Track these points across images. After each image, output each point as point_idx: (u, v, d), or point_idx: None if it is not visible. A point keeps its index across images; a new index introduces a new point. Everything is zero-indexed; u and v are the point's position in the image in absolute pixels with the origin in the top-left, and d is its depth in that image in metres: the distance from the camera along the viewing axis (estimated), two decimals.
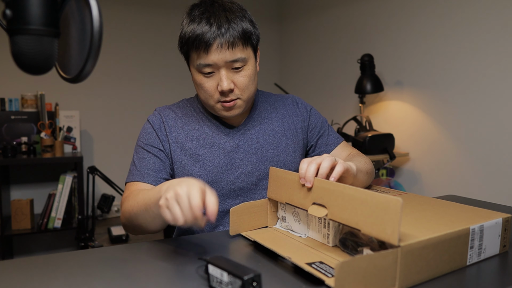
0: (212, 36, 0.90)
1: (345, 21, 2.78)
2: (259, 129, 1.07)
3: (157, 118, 1.04)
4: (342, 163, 0.83)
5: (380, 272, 0.57)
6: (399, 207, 0.58)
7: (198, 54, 0.93)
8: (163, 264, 0.74)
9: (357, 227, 0.65)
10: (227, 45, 0.91)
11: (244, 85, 0.96)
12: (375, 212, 0.62)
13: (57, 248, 2.73)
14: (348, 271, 0.54)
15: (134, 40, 2.94)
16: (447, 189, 2.11)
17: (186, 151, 1.02)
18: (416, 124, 2.29)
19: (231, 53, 0.92)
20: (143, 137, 1.03)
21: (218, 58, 0.91)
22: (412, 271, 0.60)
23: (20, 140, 2.45)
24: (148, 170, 0.99)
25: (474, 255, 0.69)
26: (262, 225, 0.89)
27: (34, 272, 0.68)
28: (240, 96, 0.97)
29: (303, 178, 0.79)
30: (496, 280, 0.67)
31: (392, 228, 0.59)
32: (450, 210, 0.79)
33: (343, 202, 0.69)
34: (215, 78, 0.95)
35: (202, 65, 0.93)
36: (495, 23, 1.87)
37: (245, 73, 0.95)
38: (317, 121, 1.13)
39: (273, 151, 1.06)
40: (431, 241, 0.62)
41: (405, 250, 0.58)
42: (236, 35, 0.91)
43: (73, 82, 0.62)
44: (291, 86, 3.36)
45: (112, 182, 2.37)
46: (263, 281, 0.62)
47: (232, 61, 0.92)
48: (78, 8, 0.59)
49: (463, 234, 0.66)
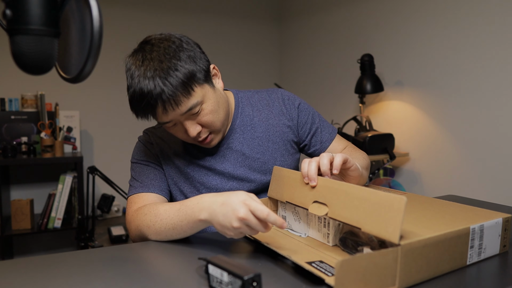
0: (151, 99, 0.85)
1: (345, 21, 2.78)
2: (242, 139, 1.05)
3: (147, 137, 1.06)
4: (340, 155, 0.84)
5: (380, 271, 0.57)
6: (403, 206, 0.58)
7: (150, 115, 0.91)
8: (163, 264, 0.74)
9: (358, 226, 0.65)
10: (171, 104, 0.85)
11: (210, 122, 0.92)
12: (377, 210, 0.62)
13: (57, 248, 2.73)
14: (348, 269, 0.54)
15: (134, 40, 2.93)
16: (447, 189, 2.11)
17: (176, 168, 1.03)
18: (416, 124, 2.29)
19: (179, 108, 0.87)
20: (138, 154, 1.04)
21: (169, 116, 0.88)
22: (412, 270, 0.60)
23: (20, 140, 2.45)
24: (151, 181, 0.99)
25: (474, 255, 0.69)
26: None
27: (34, 272, 0.68)
28: (212, 130, 0.95)
29: (306, 177, 0.80)
30: (496, 280, 0.67)
31: (393, 226, 0.59)
32: (450, 210, 0.78)
33: (345, 200, 0.69)
34: (180, 127, 0.92)
35: (161, 123, 0.91)
36: (495, 23, 1.87)
37: (206, 111, 0.91)
38: (307, 118, 1.10)
39: (259, 160, 1.04)
40: (432, 240, 0.62)
41: (406, 249, 0.58)
42: (175, 92, 0.85)
43: (73, 82, 0.62)
44: (291, 86, 3.36)
45: (112, 182, 2.37)
46: (263, 281, 0.62)
47: (186, 111, 0.88)
48: (78, 8, 0.59)
49: (463, 233, 0.66)
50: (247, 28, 3.38)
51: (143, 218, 0.87)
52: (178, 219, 0.80)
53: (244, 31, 3.36)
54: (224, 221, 0.72)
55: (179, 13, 3.08)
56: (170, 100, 0.85)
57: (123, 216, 2.88)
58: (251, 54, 3.40)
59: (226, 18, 3.27)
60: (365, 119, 2.37)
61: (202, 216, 0.76)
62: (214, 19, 3.22)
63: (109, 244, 2.39)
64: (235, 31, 3.31)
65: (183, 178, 1.02)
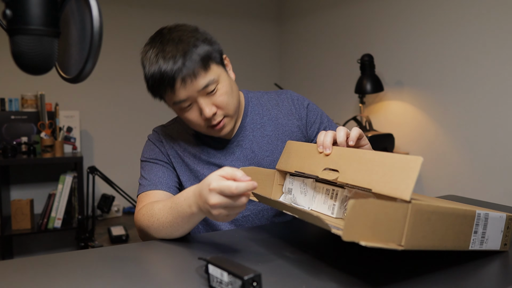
0: (171, 74, 0.89)
1: (345, 21, 2.78)
2: (252, 137, 1.06)
3: (156, 135, 1.06)
4: (356, 129, 0.85)
5: (389, 223, 0.56)
6: (419, 164, 0.59)
7: (167, 94, 0.93)
8: (163, 264, 0.74)
9: (369, 187, 0.65)
10: (190, 77, 0.89)
11: (225, 103, 0.94)
12: (391, 171, 0.63)
13: (57, 248, 2.73)
14: (359, 212, 0.53)
15: (134, 40, 2.94)
16: (447, 189, 2.11)
17: (186, 166, 1.03)
18: (416, 124, 2.29)
19: (197, 82, 0.90)
20: (147, 153, 1.04)
21: (187, 92, 0.91)
22: (419, 233, 0.60)
23: (20, 140, 2.45)
24: (160, 179, 0.99)
25: (477, 241, 0.70)
26: (266, 194, 0.90)
27: (34, 272, 0.68)
28: (225, 114, 0.96)
29: (321, 146, 0.81)
30: (497, 279, 0.67)
31: (406, 184, 0.59)
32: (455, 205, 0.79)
33: (358, 165, 0.69)
34: (195, 108, 0.94)
35: (177, 102, 0.93)
36: (496, 23, 1.87)
37: (221, 91, 0.94)
38: (315, 117, 1.12)
39: (268, 158, 1.05)
40: (440, 209, 0.62)
41: (415, 208, 0.58)
42: (194, 65, 0.89)
43: (73, 82, 0.62)
44: (291, 86, 3.36)
45: (112, 182, 2.37)
46: (263, 281, 0.62)
47: (203, 88, 0.91)
48: (78, 8, 0.59)
49: (469, 215, 0.67)
50: (247, 28, 3.38)
51: (142, 219, 0.88)
52: (173, 217, 0.81)
53: (244, 31, 3.36)
54: (206, 211, 0.73)
55: (179, 13, 3.08)
56: (189, 74, 0.89)
57: (123, 216, 2.88)
58: (251, 54, 3.40)
59: (226, 18, 3.28)
60: (365, 119, 2.37)
61: (192, 211, 0.77)
62: (214, 19, 3.22)
63: (109, 244, 2.39)
64: (235, 31, 3.31)
65: (193, 175, 1.02)
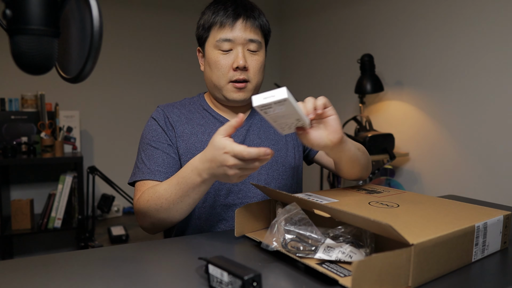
0: (239, 12, 0.97)
1: (345, 21, 2.78)
2: (260, 125, 1.08)
3: (161, 114, 1.04)
4: (322, 97, 0.81)
5: (394, 271, 0.57)
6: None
7: (221, 29, 0.98)
8: (163, 264, 0.74)
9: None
10: (251, 25, 0.98)
11: (256, 68, 1.00)
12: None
13: (57, 248, 2.73)
14: (364, 270, 0.54)
15: (134, 40, 2.94)
16: (447, 189, 2.11)
17: (192, 146, 1.01)
18: (416, 124, 2.29)
19: (252, 33, 0.98)
20: (149, 134, 1.02)
21: (240, 34, 0.97)
22: (424, 269, 0.61)
23: (20, 140, 2.45)
24: (159, 167, 0.97)
25: (479, 252, 0.70)
26: (267, 226, 0.89)
27: (34, 272, 0.68)
28: (250, 79, 1.00)
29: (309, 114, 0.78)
30: (500, 278, 0.67)
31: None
32: (453, 208, 0.79)
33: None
34: (231, 55, 0.99)
35: (223, 39, 0.97)
36: (496, 23, 1.87)
37: (258, 58, 1.01)
38: None
39: (274, 147, 1.06)
40: (441, 239, 0.62)
41: (418, 248, 0.59)
42: (259, 23, 1.00)
43: (73, 82, 0.62)
44: (291, 86, 3.36)
45: (112, 182, 2.37)
46: (263, 281, 0.62)
47: (251, 40, 0.98)
48: (78, 8, 0.59)
49: (469, 231, 0.67)
50: None
51: (148, 204, 0.87)
52: (182, 191, 0.82)
53: None
54: (221, 173, 0.75)
55: (179, 13, 3.08)
56: (253, 23, 0.99)
57: (123, 216, 2.88)
58: None
59: None
60: (365, 119, 2.37)
61: (203, 178, 0.79)
62: None
63: (109, 244, 2.39)
64: None
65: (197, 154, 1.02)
